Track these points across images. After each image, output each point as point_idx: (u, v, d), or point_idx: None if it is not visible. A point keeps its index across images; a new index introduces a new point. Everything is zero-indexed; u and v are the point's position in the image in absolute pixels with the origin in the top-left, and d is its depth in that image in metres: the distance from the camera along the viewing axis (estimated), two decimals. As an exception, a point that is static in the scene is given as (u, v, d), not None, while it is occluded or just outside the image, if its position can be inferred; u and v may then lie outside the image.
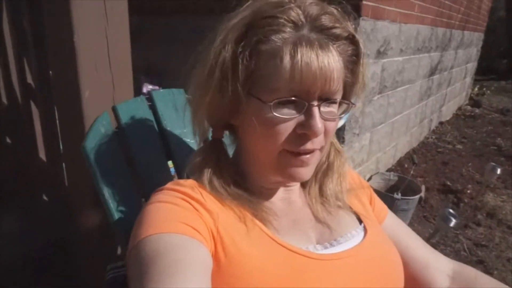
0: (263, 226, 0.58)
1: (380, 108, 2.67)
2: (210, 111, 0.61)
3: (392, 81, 2.74)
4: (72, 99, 0.90)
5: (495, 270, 2.02)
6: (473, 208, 2.70)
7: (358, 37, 0.57)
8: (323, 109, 0.55)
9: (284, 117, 0.54)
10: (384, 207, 0.80)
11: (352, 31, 0.56)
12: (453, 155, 3.78)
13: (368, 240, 0.64)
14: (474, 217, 2.58)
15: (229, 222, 0.56)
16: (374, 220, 0.72)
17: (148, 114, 0.91)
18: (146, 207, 0.57)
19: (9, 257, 1.37)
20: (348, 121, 2.17)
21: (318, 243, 0.61)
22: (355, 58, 0.58)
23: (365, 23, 2.07)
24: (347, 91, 0.61)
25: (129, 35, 0.96)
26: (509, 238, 2.34)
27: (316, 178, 0.69)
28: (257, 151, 0.60)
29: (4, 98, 1.68)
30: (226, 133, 0.68)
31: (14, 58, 1.50)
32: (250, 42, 0.54)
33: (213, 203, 0.58)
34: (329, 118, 0.57)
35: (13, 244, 1.42)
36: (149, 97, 0.94)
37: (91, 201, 0.96)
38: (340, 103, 0.60)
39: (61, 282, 1.38)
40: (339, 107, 0.61)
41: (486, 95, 7.34)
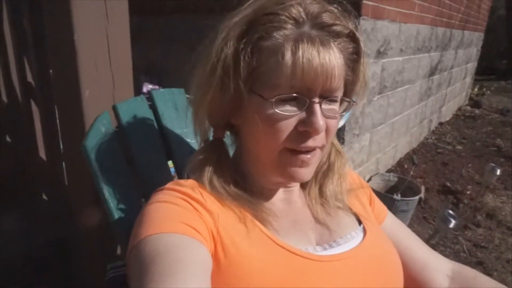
0: (263, 227, 0.58)
1: (380, 108, 2.67)
2: (212, 109, 0.61)
3: (392, 81, 2.74)
4: (72, 98, 0.90)
5: (494, 271, 2.02)
6: (472, 209, 2.70)
7: (358, 35, 0.57)
8: (324, 106, 0.55)
9: (285, 114, 0.54)
10: (383, 208, 0.80)
11: (352, 29, 0.56)
12: (453, 156, 3.78)
13: (368, 241, 0.64)
14: (473, 218, 2.58)
15: (229, 222, 0.56)
16: (373, 221, 0.72)
17: (148, 113, 0.91)
18: (146, 207, 0.57)
19: (9, 256, 1.37)
20: (348, 122, 2.17)
21: (317, 244, 0.62)
22: (355, 56, 0.58)
23: (365, 23, 2.07)
24: (348, 89, 0.61)
25: (129, 35, 0.96)
26: (509, 239, 2.34)
27: (316, 179, 0.69)
28: (258, 149, 0.60)
29: (4, 97, 1.68)
30: (227, 133, 0.68)
31: (15, 57, 1.50)
32: (252, 39, 0.54)
33: (213, 204, 0.58)
34: (331, 115, 0.57)
35: (13, 243, 1.42)
36: (149, 96, 0.94)
37: (91, 201, 0.96)
38: (341, 102, 0.60)
39: (61, 281, 1.38)
40: (340, 105, 0.61)
41: (486, 95, 7.35)
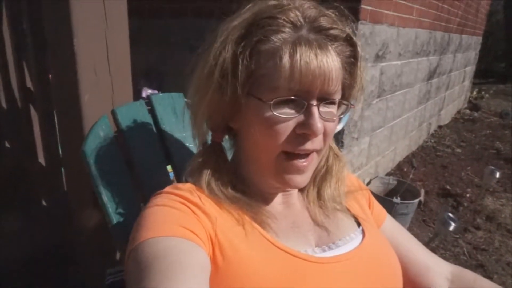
0: (262, 229, 0.58)
1: (379, 112, 2.68)
2: (210, 112, 0.61)
3: (390, 85, 2.75)
4: (71, 102, 0.90)
5: (495, 274, 2.02)
6: (472, 212, 2.70)
7: (355, 39, 0.57)
8: (322, 109, 0.56)
9: (283, 117, 0.54)
10: (382, 210, 0.80)
11: (349, 33, 0.56)
12: (452, 159, 3.78)
13: (366, 243, 0.64)
14: (473, 220, 2.58)
15: (227, 225, 0.56)
16: (372, 223, 0.73)
17: (147, 118, 0.91)
18: (144, 211, 0.57)
19: (8, 260, 1.36)
20: (347, 125, 2.17)
21: (316, 246, 0.62)
22: (353, 60, 0.59)
23: (363, 27, 2.08)
24: (346, 93, 0.62)
25: (128, 39, 0.97)
26: (509, 242, 2.34)
27: (314, 182, 0.69)
28: (256, 153, 0.60)
29: (3, 102, 1.68)
30: (226, 137, 0.68)
31: (14, 61, 1.50)
32: (250, 42, 0.54)
33: (212, 207, 0.58)
34: (328, 118, 0.57)
35: (12, 248, 1.42)
36: (148, 101, 0.94)
37: (90, 205, 0.96)
38: (339, 105, 0.61)
39: (60, 286, 1.37)
40: (338, 108, 0.61)
41: (485, 98, 7.37)
